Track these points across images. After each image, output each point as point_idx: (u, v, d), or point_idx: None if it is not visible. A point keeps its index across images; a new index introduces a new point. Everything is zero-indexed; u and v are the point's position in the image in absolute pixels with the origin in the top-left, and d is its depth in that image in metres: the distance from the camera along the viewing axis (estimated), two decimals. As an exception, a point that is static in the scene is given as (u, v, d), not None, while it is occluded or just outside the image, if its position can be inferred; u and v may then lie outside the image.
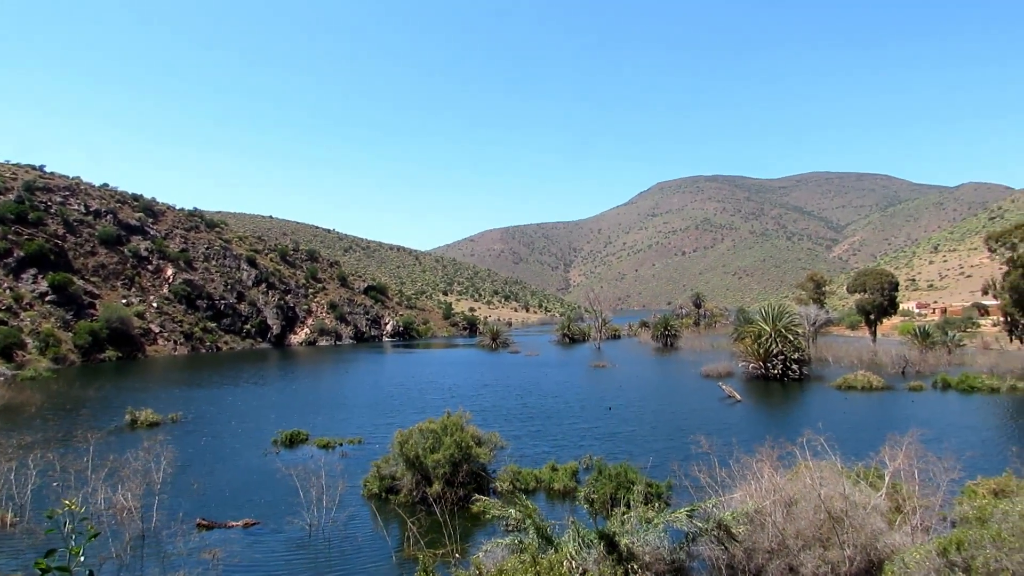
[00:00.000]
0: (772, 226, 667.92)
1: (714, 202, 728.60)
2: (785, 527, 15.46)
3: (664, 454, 30.46)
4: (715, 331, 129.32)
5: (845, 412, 44.87)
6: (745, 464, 18.28)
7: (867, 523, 15.48)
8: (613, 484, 22.52)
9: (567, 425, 40.63)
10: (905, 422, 29.34)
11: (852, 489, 16.44)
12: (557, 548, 13.79)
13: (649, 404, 49.54)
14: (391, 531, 21.14)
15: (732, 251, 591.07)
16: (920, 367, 67.95)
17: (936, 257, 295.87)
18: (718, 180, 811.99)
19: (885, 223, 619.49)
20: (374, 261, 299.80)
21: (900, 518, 16.74)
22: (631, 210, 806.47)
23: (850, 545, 14.95)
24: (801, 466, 18.04)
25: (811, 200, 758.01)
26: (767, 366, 62.47)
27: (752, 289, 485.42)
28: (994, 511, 12.75)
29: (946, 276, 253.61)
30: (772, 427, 36.60)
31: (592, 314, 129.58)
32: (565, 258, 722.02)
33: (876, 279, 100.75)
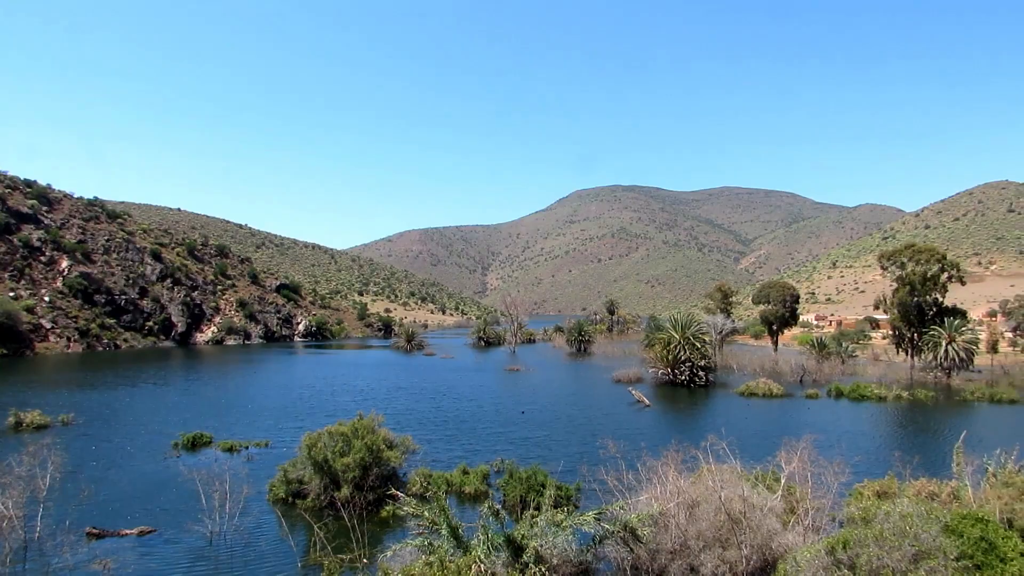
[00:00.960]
0: (685, 237, 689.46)
1: (631, 211, 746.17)
2: (687, 528, 15.99)
3: (575, 458, 30.93)
4: (627, 338, 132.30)
5: (747, 418, 46.73)
6: (651, 467, 18.80)
7: (763, 524, 16.18)
8: (524, 487, 22.75)
9: (481, 429, 40.72)
10: (801, 428, 30.87)
11: (751, 492, 17.15)
12: (467, 551, 13.82)
13: (562, 408, 50.20)
14: (297, 537, 20.67)
15: (646, 260, 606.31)
16: (816, 376, 71.44)
17: (834, 272, 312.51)
18: (635, 190, 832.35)
19: (789, 238, 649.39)
20: (288, 259, 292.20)
21: (794, 519, 17.58)
22: (550, 216, 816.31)
23: (747, 545, 15.60)
24: (704, 470, 18.68)
25: (722, 214, 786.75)
26: (675, 372, 64.40)
27: (664, 297, 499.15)
28: (877, 512, 13.57)
29: (842, 291, 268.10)
30: (678, 432, 37.73)
31: (508, 318, 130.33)
32: (483, 261, 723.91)
33: (779, 291, 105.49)
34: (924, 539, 12.33)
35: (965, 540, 12.53)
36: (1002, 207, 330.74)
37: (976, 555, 12.25)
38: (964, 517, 13.40)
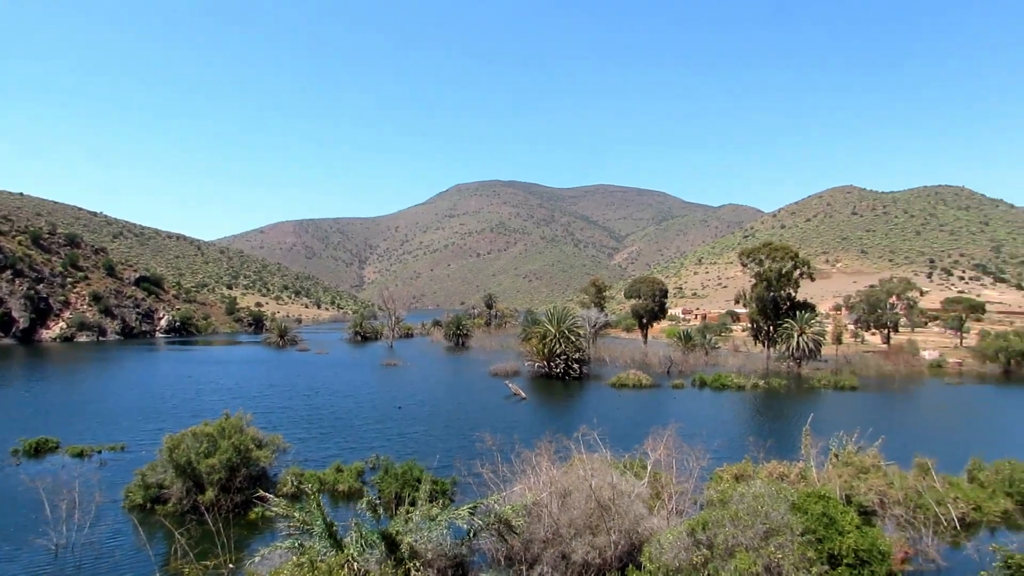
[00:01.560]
0: (561, 233, 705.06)
1: (509, 207, 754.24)
2: (560, 517, 16.40)
3: (452, 452, 30.97)
4: (505, 331, 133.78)
5: (618, 408, 48.46)
6: (526, 459, 19.15)
7: (631, 509, 16.85)
8: (399, 483, 22.56)
9: (357, 426, 39.99)
10: (667, 417, 32.30)
11: (619, 479, 17.82)
12: (341, 549, 13.56)
13: (439, 403, 50.14)
14: (156, 545, 19.52)
15: (524, 255, 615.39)
16: (683, 367, 75.14)
17: (700, 268, 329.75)
18: (514, 186, 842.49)
19: (659, 236, 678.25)
20: (149, 250, 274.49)
21: (659, 503, 18.43)
22: (429, 210, 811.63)
23: (616, 530, 16.20)
24: (576, 459, 19.24)
25: (597, 211, 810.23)
26: (551, 365, 65.82)
27: (541, 292, 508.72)
28: (733, 494, 14.47)
29: (707, 286, 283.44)
30: (552, 423, 38.61)
31: (386, 312, 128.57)
32: (360, 254, 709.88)
33: (649, 286, 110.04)
34: (774, 517, 13.27)
35: (809, 516, 13.58)
36: (847, 210, 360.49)
37: (818, 530, 13.32)
38: (809, 495, 14.52)
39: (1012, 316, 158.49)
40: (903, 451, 28.72)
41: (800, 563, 12.61)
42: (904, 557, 19.85)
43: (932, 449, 29.72)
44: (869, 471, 25.63)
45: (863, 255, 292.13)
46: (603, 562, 15.77)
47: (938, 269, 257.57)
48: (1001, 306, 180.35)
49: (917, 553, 20.55)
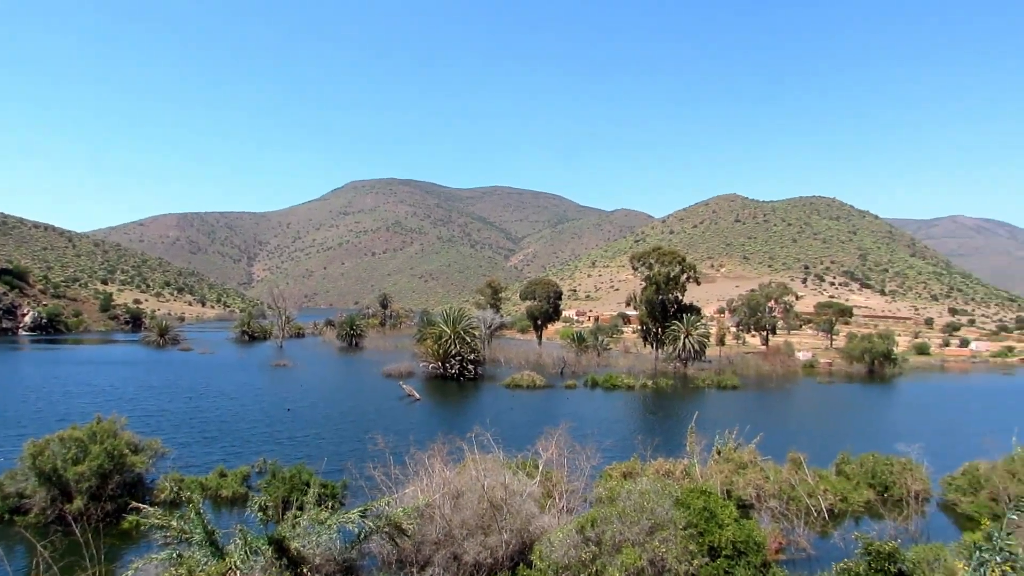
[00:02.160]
0: (459, 233, 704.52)
1: (406, 205, 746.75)
2: (452, 518, 16.32)
3: (344, 455, 30.31)
4: (400, 332, 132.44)
5: (512, 409, 48.86)
6: (419, 460, 18.96)
7: (523, 509, 16.98)
8: (287, 487, 21.84)
9: (243, 429, 38.43)
10: (560, 417, 32.87)
11: (512, 479, 17.93)
12: (224, 557, 12.96)
13: (331, 405, 48.95)
14: (16, 560, 18.05)
15: (420, 255, 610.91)
16: (576, 368, 76.67)
17: (593, 271, 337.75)
18: (411, 184, 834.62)
19: (555, 238, 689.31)
20: (12, 240, 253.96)
21: (550, 502, 18.68)
22: (323, 206, 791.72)
23: (507, 530, 16.28)
24: (469, 460, 19.22)
25: (494, 212, 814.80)
26: (446, 366, 65.61)
27: (437, 292, 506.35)
28: (621, 491, 14.85)
29: (600, 288, 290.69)
30: (447, 424, 38.48)
31: (276, 311, 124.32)
32: (249, 251, 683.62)
33: (544, 288, 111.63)
34: (659, 513, 13.72)
35: (692, 511, 14.12)
36: (731, 217, 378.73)
37: (700, 523, 13.86)
38: (692, 491, 15.09)
39: (876, 319, 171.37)
40: (779, 447, 30.35)
41: (682, 556, 13.09)
42: (778, 547, 20.98)
43: (805, 444, 31.63)
44: (748, 467, 26.98)
45: (745, 261, 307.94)
46: (495, 562, 15.81)
47: (812, 275, 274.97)
48: (867, 310, 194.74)
49: (790, 543, 21.77)
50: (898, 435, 36.48)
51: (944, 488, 29.08)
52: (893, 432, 41.19)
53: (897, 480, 28.03)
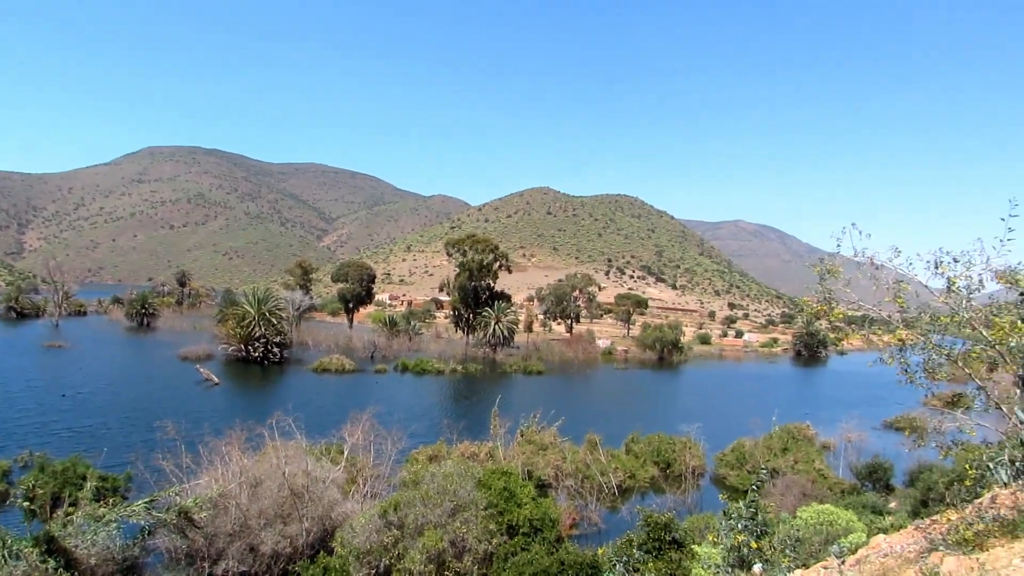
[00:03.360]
0: (268, 210, 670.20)
1: (211, 177, 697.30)
2: (249, 508, 15.67)
3: (132, 445, 27.88)
4: (200, 312, 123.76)
5: (319, 393, 47.67)
6: (214, 448, 17.97)
7: (326, 495, 16.70)
8: (58, 482, 19.82)
9: (10, 419, 34.14)
10: (368, 401, 32.54)
11: (315, 465, 17.55)
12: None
13: (118, 391, 44.84)
14: None
15: (225, 230, 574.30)
16: (387, 352, 76.14)
17: (408, 255, 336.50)
18: (216, 155, 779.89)
19: (371, 220, 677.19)
20: None
21: (354, 488, 18.51)
22: (114, 172, 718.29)
23: (309, 518, 15.93)
24: (270, 447, 18.52)
25: (307, 190, 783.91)
26: (249, 349, 62.48)
27: (243, 271, 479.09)
28: (425, 474, 15.05)
29: (415, 273, 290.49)
30: (247, 410, 36.76)
31: (52, 286, 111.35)
32: (20, 217, 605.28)
33: (357, 270, 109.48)
34: (461, 494, 14.07)
35: (493, 491, 14.63)
36: (543, 209, 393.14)
37: (500, 503, 14.40)
38: (493, 472, 15.63)
39: (668, 311, 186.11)
40: (578, 429, 32.19)
41: (482, 535, 13.54)
42: (572, 523, 22.31)
43: (601, 426, 33.80)
44: (549, 448, 28.39)
45: (555, 251, 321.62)
46: (294, 551, 15.42)
47: (614, 268, 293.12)
48: (660, 302, 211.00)
49: (583, 518, 23.23)
50: (681, 416, 40.06)
51: (717, 463, 32.41)
52: (677, 414, 45.14)
53: (678, 457, 30.80)
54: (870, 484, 29.73)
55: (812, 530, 15.30)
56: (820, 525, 15.44)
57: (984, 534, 7.78)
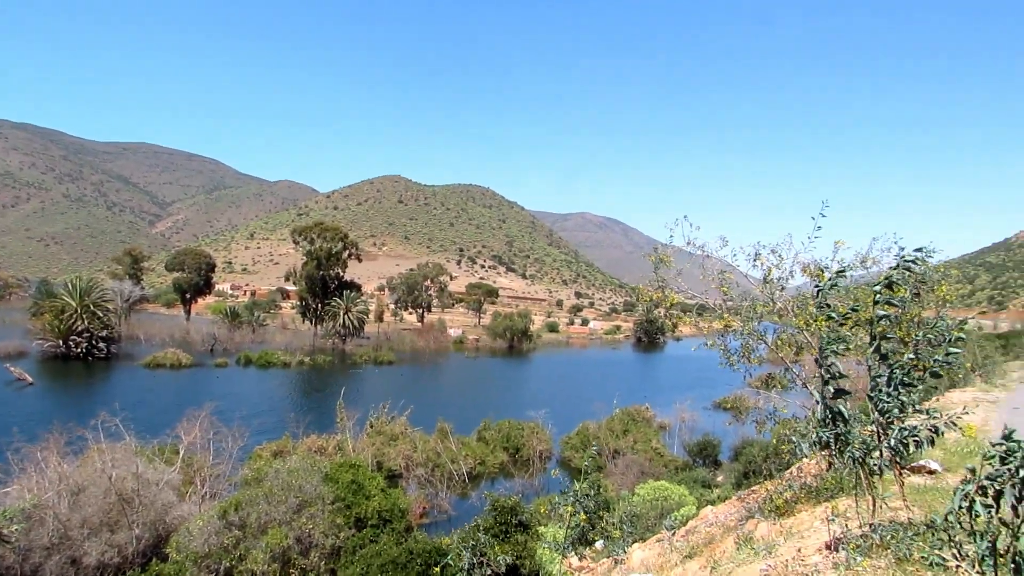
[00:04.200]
0: (92, 193, 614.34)
1: (21, 154, 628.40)
2: (70, 517, 14.41)
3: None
4: (9, 305, 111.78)
5: (152, 390, 44.59)
6: (27, 455, 16.35)
7: (159, 499, 15.67)
8: None
9: None
10: (208, 397, 30.81)
11: (146, 468, 16.40)
12: None
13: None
14: None
15: (40, 214, 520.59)
16: (228, 345, 72.37)
17: (252, 243, 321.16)
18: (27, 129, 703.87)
19: (210, 206, 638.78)
20: None
21: (191, 489, 17.52)
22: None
23: (140, 524, 14.90)
24: (94, 450, 17.13)
25: (138, 172, 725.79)
26: (69, 345, 57.18)
27: (62, 259, 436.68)
28: (269, 471, 14.50)
29: (259, 261, 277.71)
30: (67, 411, 33.60)
31: None
32: None
33: (195, 259, 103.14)
34: (307, 490, 13.71)
35: (340, 485, 14.36)
36: (394, 197, 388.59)
37: (348, 496, 14.17)
38: (341, 465, 15.34)
39: (518, 300, 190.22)
40: (429, 418, 32.23)
41: (329, 530, 13.27)
42: (423, 511, 22.37)
43: (453, 414, 34.04)
44: (399, 438, 28.25)
45: (406, 240, 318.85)
46: (123, 560, 14.37)
47: (466, 257, 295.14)
48: (511, 291, 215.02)
49: (434, 506, 23.36)
50: (530, 403, 41.18)
51: (563, 446, 33.62)
52: (527, 400, 46.33)
53: (526, 442, 31.66)
54: (701, 460, 31.98)
55: (649, 505, 16.26)
56: (656, 500, 16.44)
57: (793, 501, 8.63)
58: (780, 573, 5.22)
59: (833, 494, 7.57)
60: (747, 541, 7.08)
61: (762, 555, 6.17)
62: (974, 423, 12.51)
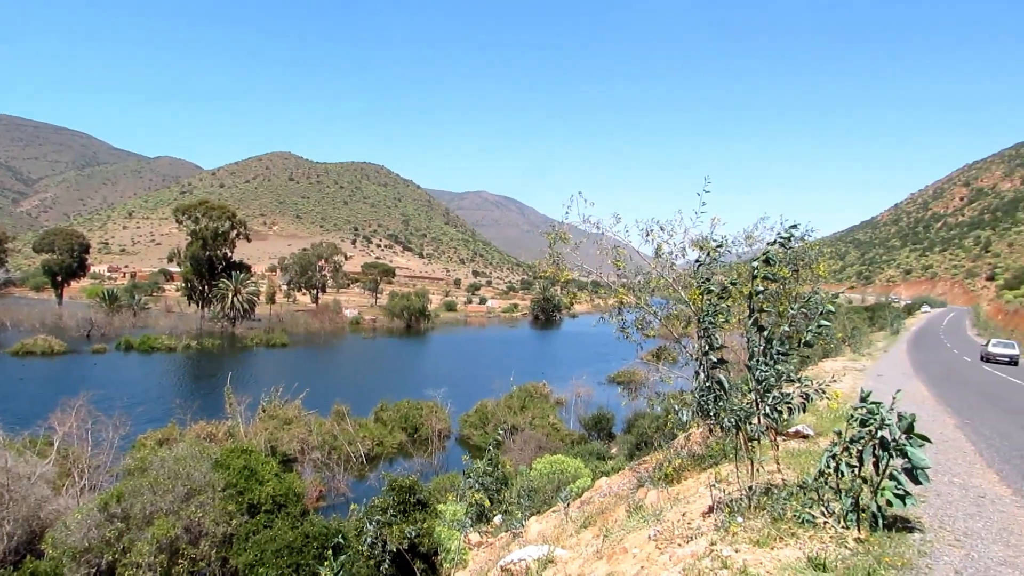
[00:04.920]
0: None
1: None
2: (-72, 520, 13.34)
3: None
4: None
5: (21, 380, 41.61)
6: None
7: (31, 493, 14.75)
8: None
9: None
10: (84, 385, 29.05)
11: (16, 461, 15.38)
12: None
13: None
14: None
15: None
16: (106, 330, 68.27)
17: (130, 223, 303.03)
18: None
19: (82, 183, 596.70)
20: None
21: (68, 482, 16.54)
22: None
23: (11, 520, 13.98)
24: (-47, 447, 15.86)
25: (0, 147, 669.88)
26: (-77, 333, 52.48)
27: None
28: (154, 459, 13.85)
29: (139, 242, 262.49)
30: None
31: None
32: None
33: (66, 239, 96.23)
34: (196, 478, 13.19)
35: (232, 471, 13.90)
36: (285, 175, 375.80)
37: (240, 483, 13.74)
38: (232, 451, 14.84)
39: (415, 279, 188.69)
40: (325, 400, 31.60)
41: (220, 518, 12.84)
42: (319, 495, 22.01)
43: (350, 396, 33.52)
44: (293, 422, 27.58)
45: (298, 220, 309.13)
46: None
47: (361, 236, 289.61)
48: (408, 271, 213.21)
49: (331, 489, 23.03)
50: (429, 382, 41.00)
51: (462, 424, 33.81)
52: (425, 380, 46.12)
53: (425, 422, 31.65)
54: (596, 434, 32.96)
55: (546, 479, 16.62)
56: (553, 474, 16.82)
57: (680, 469, 9.04)
58: (667, 537, 5.47)
59: (717, 461, 7.99)
60: (637, 509, 7.38)
61: (651, 521, 6.44)
62: (842, 390, 13.46)
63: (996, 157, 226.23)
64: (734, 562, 4.12)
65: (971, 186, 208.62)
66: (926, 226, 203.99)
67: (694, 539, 5.10)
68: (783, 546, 4.42)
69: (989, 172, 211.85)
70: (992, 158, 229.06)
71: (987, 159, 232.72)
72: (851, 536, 4.49)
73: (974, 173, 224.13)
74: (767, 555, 4.28)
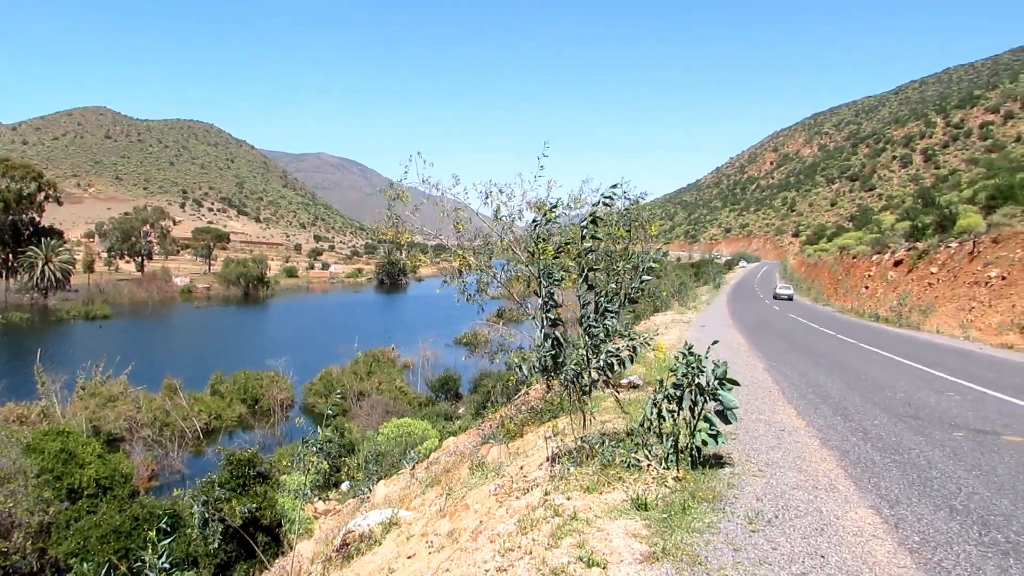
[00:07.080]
0: None
1: None
2: None
3: None
4: None
5: None
6: None
7: None
8: None
9: None
10: None
11: None
12: None
13: None
14: None
15: None
16: None
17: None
18: None
19: None
20: None
21: None
22: None
23: None
24: None
25: None
26: None
27: None
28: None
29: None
30: None
31: None
32: None
33: None
34: (4, 464, 12.02)
35: (47, 455, 12.76)
36: (101, 132, 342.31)
37: (57, 467, 12.65)
38: (47, 434, 13.62)
39: (252, 245, 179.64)
40: (155, 375, 29.62)
41: (35, 506, 11.80)
42: (151, 474, 20.73)
43: (183, 369, 31.60)
44: (118, 399, 25.65)
45: (118, 181, 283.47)
46: None
47: (190, 200, 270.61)
48: (243, 236, 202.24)
49: (165, 468, 21.75)
50: (270, 351, 39.50)
51: (305, 393, 32.92)
52: (265, 349, 44.39)
53: (266, 392, 30.54)
54: (443, 395, 33.29)
55: (393, 443, 16.64)
56: (400, 438, 16.86)
57: (522, 424, 9.36)
58: (507, 490, 5.67)
59: (555, 414, 8.33)
60: (480, 465, 7.57)
61: (492, 476, 6.63)
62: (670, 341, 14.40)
63: (799, 125, 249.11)
64: (565, 509, 4.34)
65: (779, 151, 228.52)
66: (743, 188, 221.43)
67: (530, 491, 5.32)
68: (611, 490, 4.72)
69: (793, 139, 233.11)
70: (796, 126, 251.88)
71: (791, 127, 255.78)
72: (671, 476, 4.87)
73: (781, 140, 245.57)
74: (596, 500, 4.55)
